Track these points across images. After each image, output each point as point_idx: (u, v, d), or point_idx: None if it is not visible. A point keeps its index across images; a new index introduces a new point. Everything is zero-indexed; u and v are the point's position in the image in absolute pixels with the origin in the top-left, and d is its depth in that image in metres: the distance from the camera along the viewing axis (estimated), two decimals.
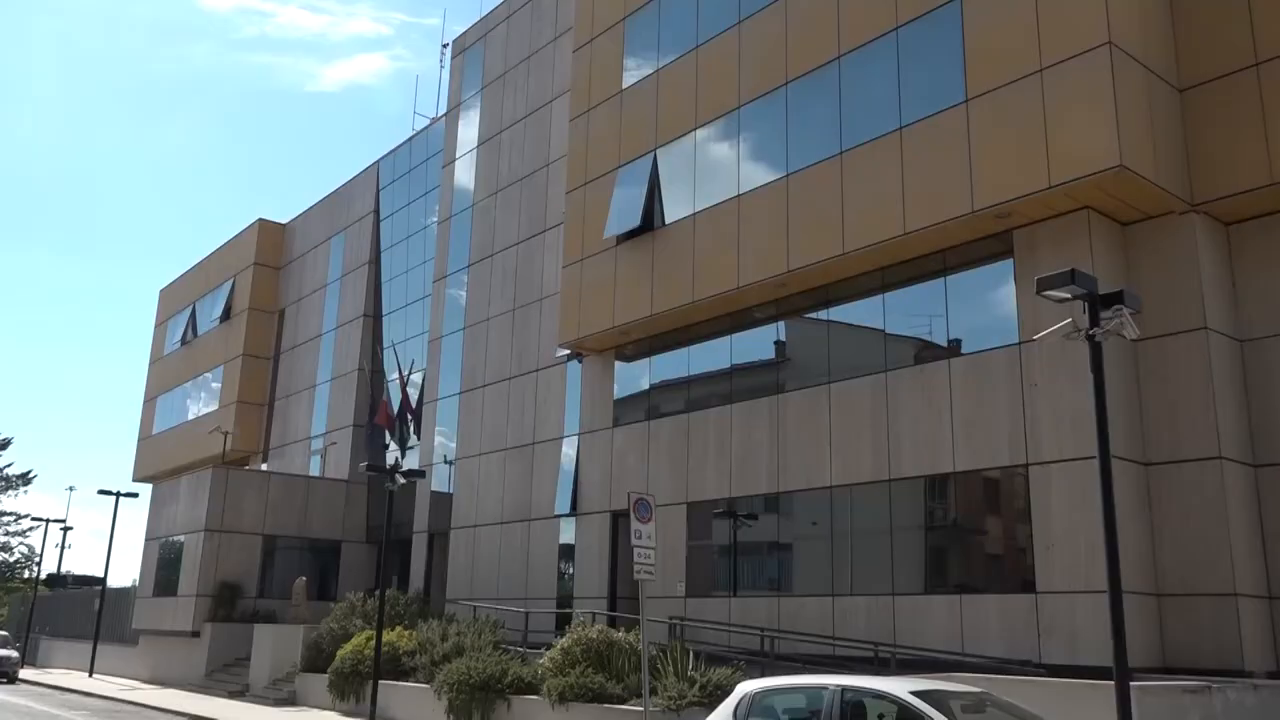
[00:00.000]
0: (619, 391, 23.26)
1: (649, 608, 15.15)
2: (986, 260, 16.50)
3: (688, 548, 20.50)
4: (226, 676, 27.74)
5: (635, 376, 23.08)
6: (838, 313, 18.74)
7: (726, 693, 14.01)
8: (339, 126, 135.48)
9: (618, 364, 23.39)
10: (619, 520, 22.26)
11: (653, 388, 22.43)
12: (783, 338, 19.87)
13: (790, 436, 18.93)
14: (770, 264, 18.76)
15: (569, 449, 24.26)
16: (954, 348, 16.80)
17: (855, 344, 18.40)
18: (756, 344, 20.21)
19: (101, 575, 38.51)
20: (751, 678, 11.65)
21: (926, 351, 17.26)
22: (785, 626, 17.81)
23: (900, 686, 8.88)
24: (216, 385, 41.74)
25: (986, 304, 16.56)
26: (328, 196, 39.58)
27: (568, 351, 24.52)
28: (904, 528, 16.96)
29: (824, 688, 9.15)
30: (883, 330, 17.85)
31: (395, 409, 31.60)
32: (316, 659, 23.90)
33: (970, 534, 16.41)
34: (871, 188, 17.28)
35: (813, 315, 19.23)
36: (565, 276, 23.78)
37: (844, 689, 8.98)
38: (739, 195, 19.78)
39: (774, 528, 19.22)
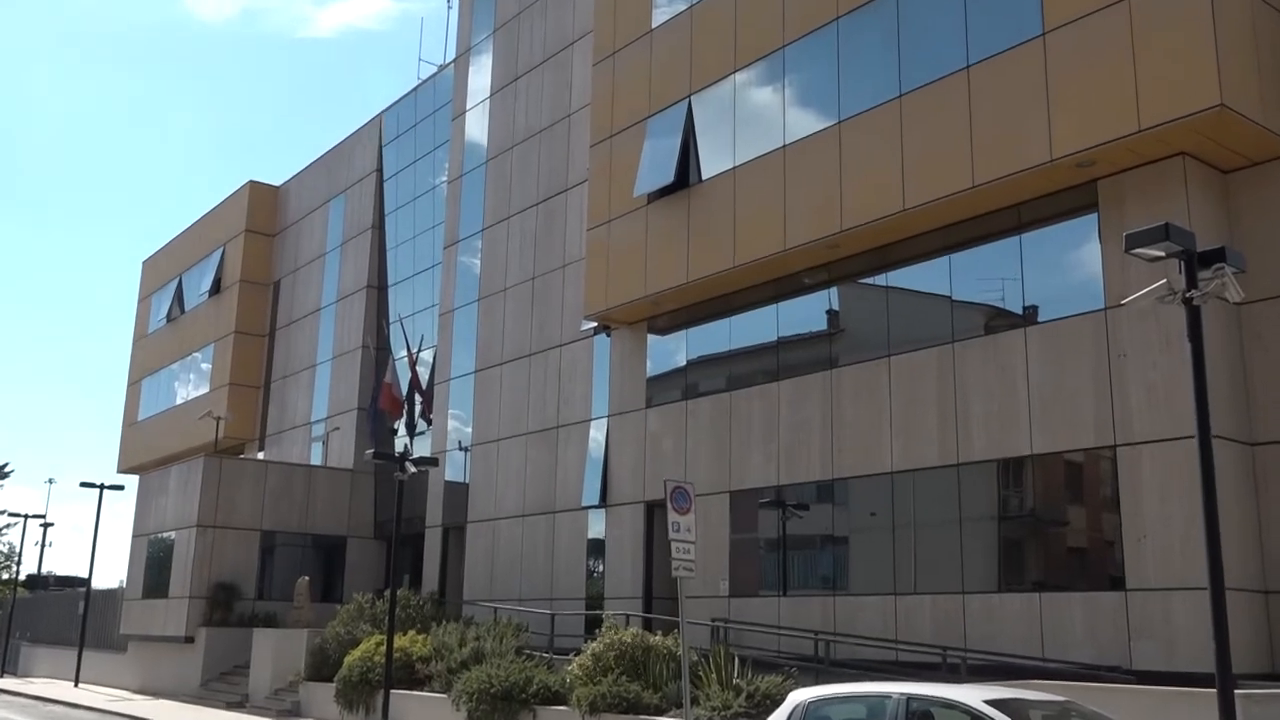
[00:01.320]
0: (652, 368, 23.27)
1: (689, 608, 15.18)
2: (1067, 215, 16.31)
3: (731, 542, 20.54)
4: (224, 686, 28.18)
5: (670, 351, 23.06)
6: (898, 277, 18.61)
7: (776, 702, 13.97)
8: (336, 76, 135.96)
9: (650, 337, 23.39)
10: (654, 512, 22.32)
11: (690, 363, 22.42)
12: (835, 306, 19.79)
13: (845, 416, 18.87)
14: (821, 223, 18.65)
15: (597, 433, 24.32)
16: (1030, 315, 16.65)
17: (917, 312, 18.28)
18: (806, 313, 20.13)
19: (86, 575, 39.17)
20: (804, 686, 11.64)
21: (999, 319, 17.12)
22: (841, 629, 17.82)
23: (973, 695, 8.84)
24: (206, 366, 42.19)
25: (1067, 265, 16.38)
26: (325, 155, 39.74)
27: (594, 324, 24.55)
28: (974, 518, 16.88)
29: (887, 696, 9.13)
30: (949, 296, 17.72)
31: (404, 390, 31.80)
32: (322, 666, 24.22)
33: (1050, 524, 16.31)
34: (935, 135, 17.10)
35: (869, 280, 19.11)
36: (590, 240, 23.77)
37: (909, 698, 8.96)
38: (784, 146, 19.64)
39: (828, 519, 19.21)
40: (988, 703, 8.59)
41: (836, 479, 18.86)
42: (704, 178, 21.25)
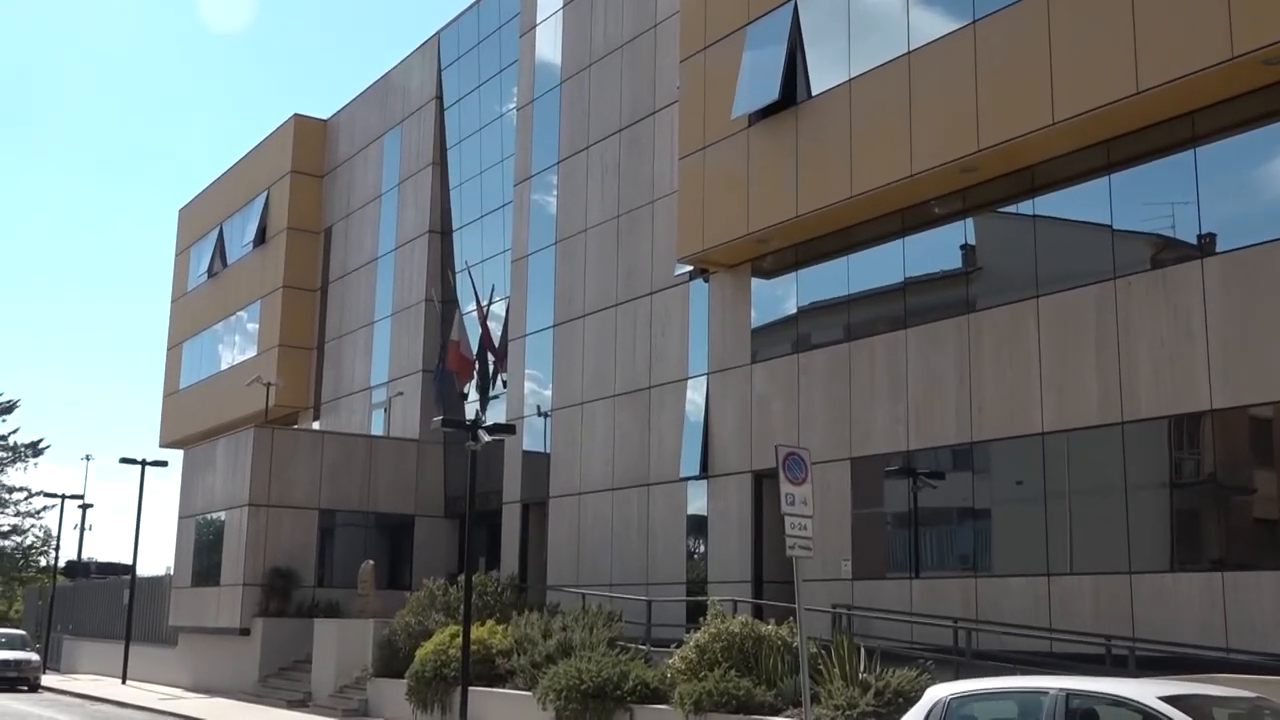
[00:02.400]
0: (757, 317, 23.18)
1: (806, 593, 15.17)
2: (1252, 124, 15.80)
3: (854, 516, 20.50)
4: (284, 683, 29.07)
5: (778, 297, 22.94)
6: (1046, 203, 18.26)
7: (910, 700, 13.95)
8: None
9: (755, 282, 23.30)
10: (763, 483, 22.34)
11: (801, 311, 22.30)
12: (972, 239, 19.52)
13: (986, 368, 18.64)
14: (953, 143, 18.34)
15: (695, 394, 24.35)
16: (1207, 244, 16.21)
17: (1071, 244, 17.95)
18: (937, 248, 19.88)
19: (129, 562, 40.65)
20: (943, 680, 11.59)
21: (1169, 250, 16.72)
22: (985, 615, 17.70)
23: (1145, 690, 8.71)
24: (253, 326, 43.16)
25: (1252, 184, 15.90)
26: (377, 83, 40.14)
27: (689, 268, 24.52)
28: (1142, 485, 16.59)
29: (1042, 693, 9.03)
30: (1108, 224, 17.35)
31: (474, 349, 32.16)
32: (391, 661, 24.82)
33: (1232, 492, 15.96)
34: (1090, 33, 16.63)
35: (1011, 208, 18.79)
36: (683, 171, 23.67)
37: (1069, 694, 8.86)
38: (909, 53, 19.31)
39: (966, 488, 19.05)
40: (1163, 699, 8.46)
41: (976, 442, 18.67)
42: (814, 94, 21.00)
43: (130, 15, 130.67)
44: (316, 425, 39.90)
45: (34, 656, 37.06)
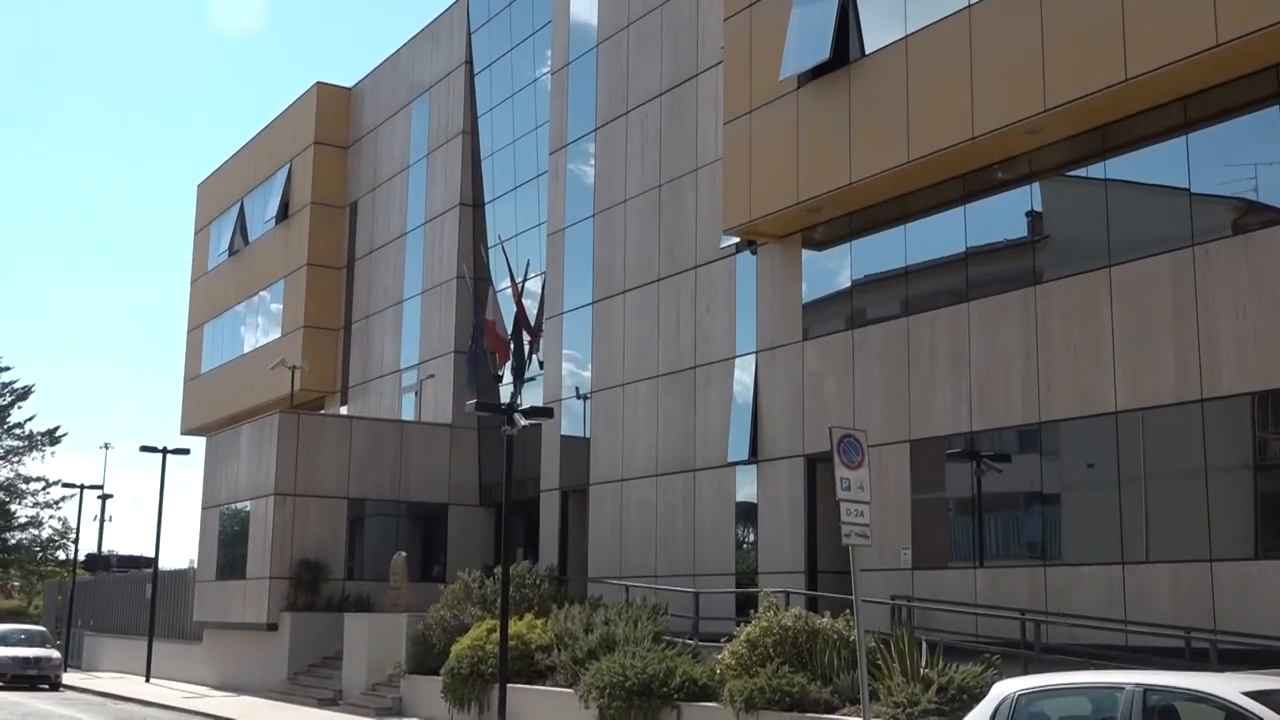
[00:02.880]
0: (809, 291, 23.12)
1: (864, 584, 15.16)
2: None
3: (913, 502, 20.45)
4: (313, 680, 29.38)
5: (831, 270, 22.86)
6: (1118, 166, 18.09)
7: (976, 696, 13.92)
8: None
9: (806, 254, 23.23)
10: (817, 468, 22.32)
11: (856, 284, 22.23)
12: (1038, 206, 19.40)
13: (1054, 344, 18.53)
14: (1018, 102, 18.19)
15: (743, 373, 24.33)
16: None
17: (1145, 209, 17.81)
18: (1001, 216, 19.77)
19: (151, 555, 41.13)
20: (1010, 676, 11.55)
21: (1251, 215, 16.54)
22: (1054, 606, 17.64)
23: (1228, 686, 8.66)
24: (276, 307, 43.49)
25: None
26: (403, 48, 40.24)
27: (736, 240, 24.48)
28: (1224, 466, 16.44)
29: (1118, 688, 8.99)
30: (1186, 188, 17.17)
31: (509, 328, 32.24)
32: (425, 657, 25.03)
33: None
34: None
35: (1080, 172, 18.65)
36: (729, 136, 23.60)
37: (1146, 689, 8.81)
38: (969, 6, 19.16)
39: (1034, 472, 18.96)
40: (1248, 695, 8.41)
41: (1044, 422, 18.57)
42: (867, 52, 20.88)
43: None
44: (344, 410, 40.15)
45: (55, 654, 37.64)
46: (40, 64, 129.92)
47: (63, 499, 69.78)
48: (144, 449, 38.32)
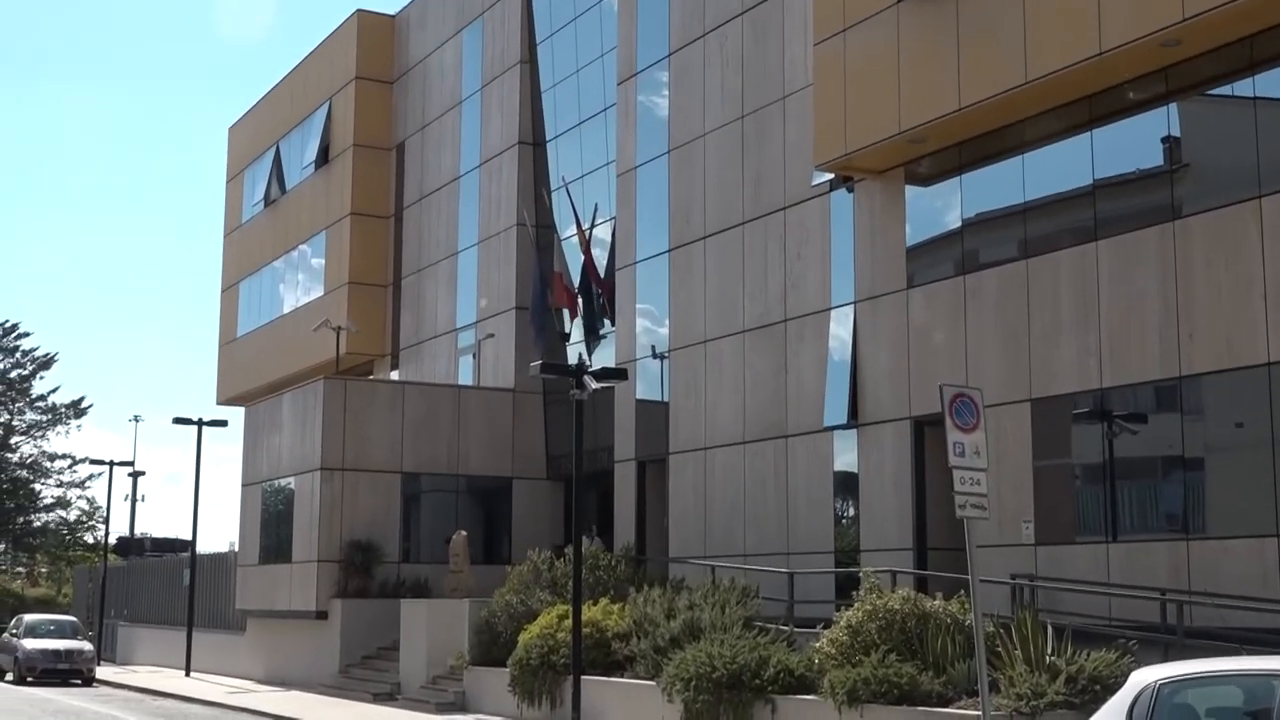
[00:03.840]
0: (914, 233, 22.97)
1: (981, 562, 15.07)
2: None
3: (1036, 469, 20.33)
4: (368, 673, 29.83)
5: (938, 208, 22.68)
6: (1269, 82, 17.74)
7: (1109, 687, 13.89)
8: None
9: (910, 190, 23.07)
10: (925, 432, 22.24)
11: (967, 224, 22.05)
12: (1175, 130, 19.12)
13: (1197, 287, 18.30)
14: (1152, 11, 17.88)
15: (840, 326, 24.24)
16: None
17: None
18: (1133, 143, 19.55)
19: (189, 537, 41.90)
20: (1149, 663, 11.47)
21: None
22: (1198, 585, 17.51)
23: None
24: (318, 262, 43.90)
25: None
26: None
27: (830, 177, 24.35)
28: None
29: (1275, 675, 8.94)
30: None
31: (576, 280, 32.30)
32: (491, 647, 25.33)
33: None
34: None
35: (1225, 90, 18.37)
36: (820, 60, 23.43)
37: None
38: None
39: (1174, 433, 18.78)
40: None
41: (1185, 377, 18.39)
42: None
43: None
44: (395, 375, 40.53)
45: (87, 646, 38.54)
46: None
47: (90, 477, 71.28)
48: (177, 421, 39.04)
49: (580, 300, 32.24)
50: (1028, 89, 19.72)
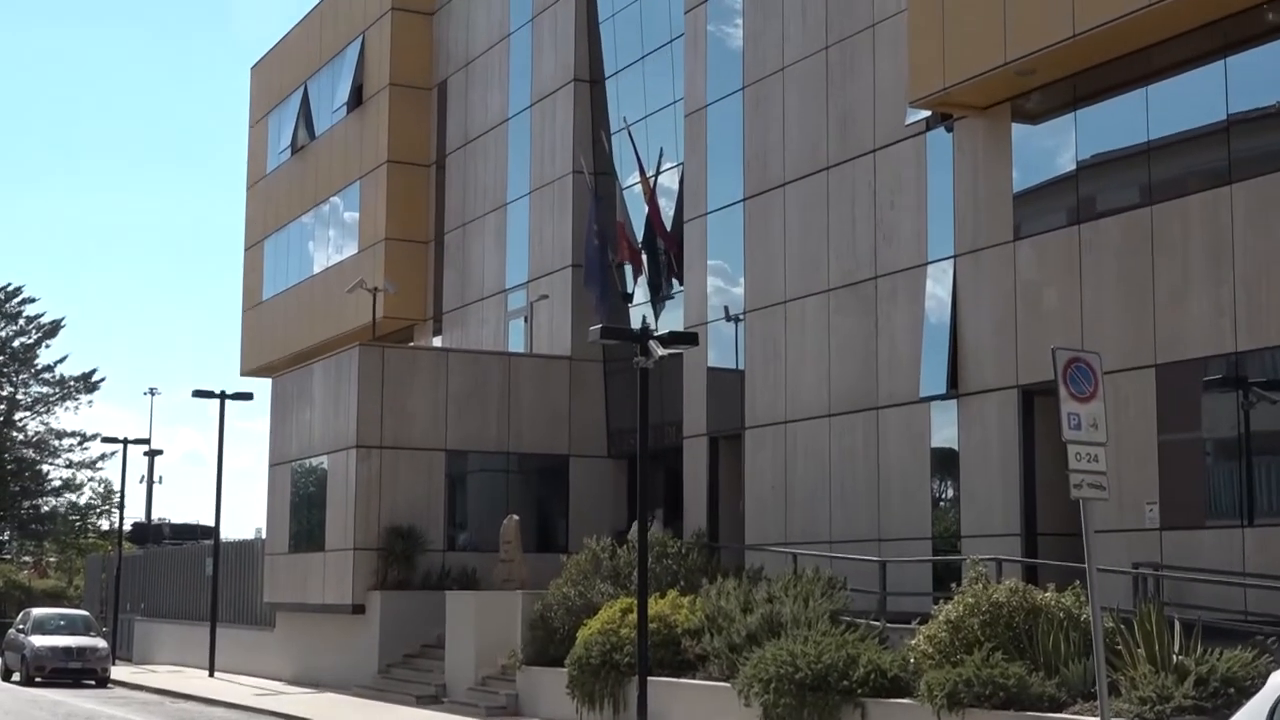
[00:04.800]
0: (1021, 178, 22.83)
1: (1099, 549, 14.96)
2: None
3: (1161, 444, 20.17)
4: (410, 673, 30.10)
5: (1050, 149, 22.53)
6: None
7: (1246, 690, 13.79)
8: None
9: (1017, 129, 22.94)
10: (1035, 401, 22.16)
11: (1082, 166, 21.88)
12: None
13: None
14: None
15: (938, 284, 24.14)
16: None
17: None
18: (1273, 72, 19.26)
19: (211, 523, 42.44)
20: None
21: None
22: None
23: None
24: (351, 216, 44.14)
25: None
26: None
27: (926, 114, 24.20)
28: None
29: None
30: None
31: (640, 234, 32.26)
32: (546, 644, 25.48)
33: None
34: None
35: None
36: None
37: None
38: None
39: None
40: None
41: None
42: None
43: None
44: (438, 342, 40.75)
45: (101, 643, 39.07)
46: None
47: (103, 457, 72.15)
48: (198, 394, 39.40)
49: (644, 256, 32.20)
50: (1153, 11, 19.43)
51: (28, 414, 73.03)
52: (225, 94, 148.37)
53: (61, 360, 73.55)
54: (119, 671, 40.03)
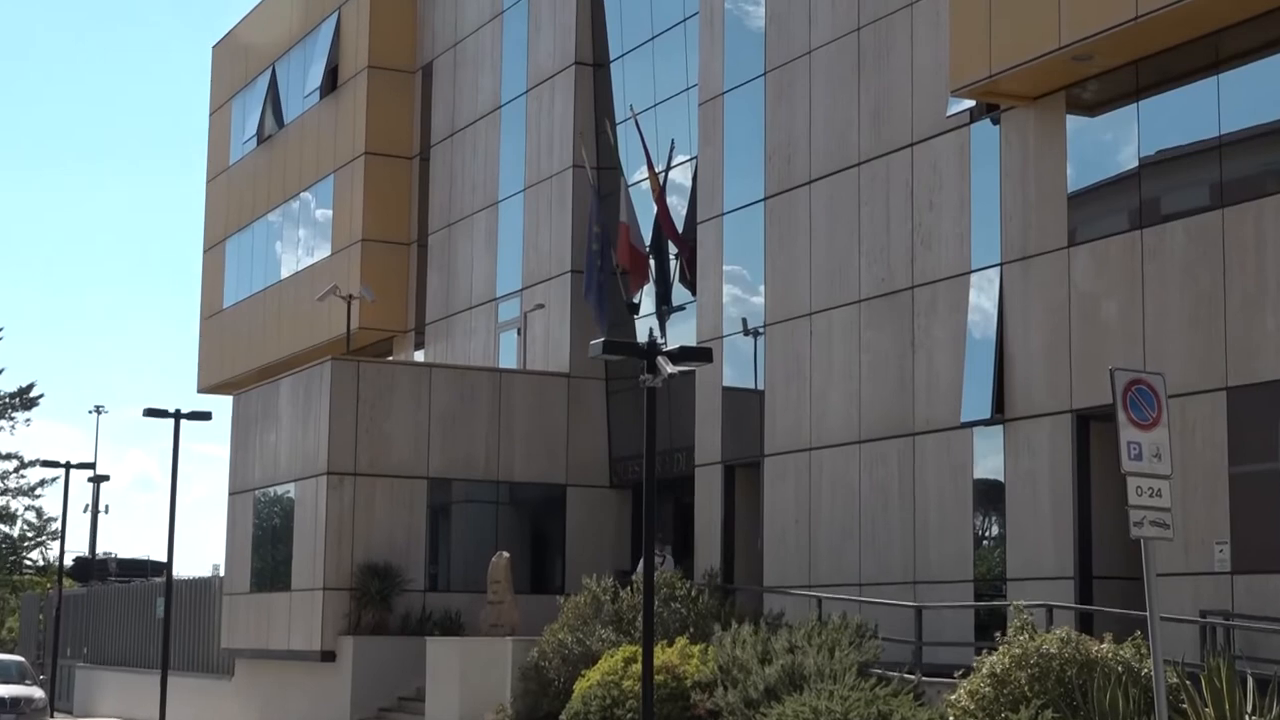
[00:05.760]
0: (1077, 176, 22.84)
1: (1163, 594, 14.93)
2: None
3: (1233, 477, 20.15)
4: None
5: (1109, 144, 22.58)
6: None
7: None
8: None
9: (1072, 121, 22.96)
10: (1091, 428, 22.16)
11: (1146, 163, 21.90)
12: None
13: None
14: None
15: (983, 294, 24.16)
16: None
17: None
18: None
19: (163, 558, 42.40)
20: None
21: None
22: None
23: None
24: (325, 213, 44.14)
25: None
26: None
27: (970, 104, 24.22)
28: None
29: None
30: None
31: (647, 238, 32.23)
32: (540, 697, 25.42)
33: None
34: None
35: None
36: None
37: None
38: None
39: None
40: None
41: None
42: None
43: None
44: (421, 356, 40.73)
45: (37, 693, 39.00)
46: None
47: (42, 483, 71.76)
48: (149, 413, 39.18)
49: (652, 262, 32.19)
50: None
51: None
52: (183, 76, 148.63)
53: None
54: None
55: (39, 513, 72.53)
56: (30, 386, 72.88)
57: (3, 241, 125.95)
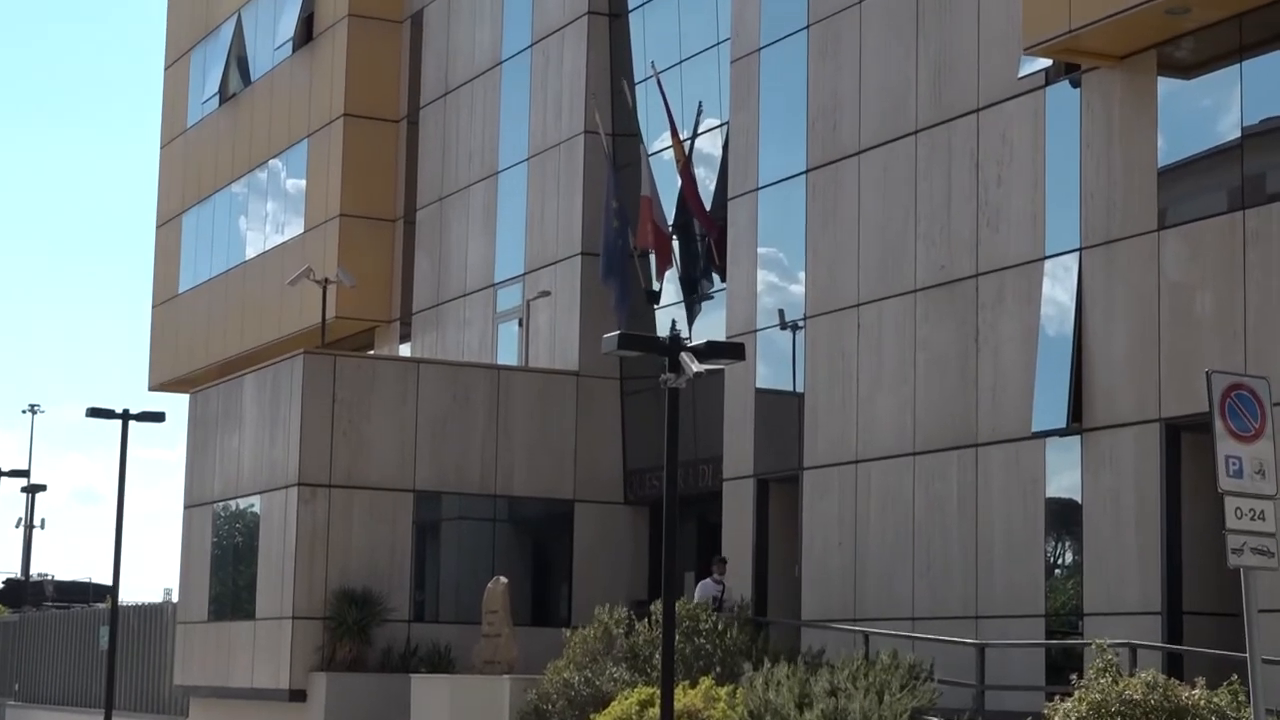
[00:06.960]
0: (1169, 148, 22.85)
1: (1266, 632, 14.93)
2: None
3: None
4: None
5: (1206, 110, 22.64)
6: None
7: None
8: None
9: (1164, 85, 22.99)
10: (1183, 440, 22.17)
11: (1249, 134, 21.89)
12: None
13: None
14: None
15: (1058, 284, 24.17)
16: None
17: None
18: None
19: (107, 581, 42.42)
20: None
21: None
22: None
23: None
24: (297, 185, 44.18)
25: None
26: None
27: (1045, 64, 24.24)
28: None
29: None
30: None
31: (671, 215, 32.20)
32: None
33: None
34: None
35: None
36: None
37: None
38: None
39: None
40: None
41: None
42: None
43: None
44: (407, 350, 40.72)
45: None
46: None
47: None
48: (93, 413, 39.34)
49: (676, 243, 32.18)
50: None
51: None
52: (133, 27, 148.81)
53: None
54: None
55: None
56: None
57: None
